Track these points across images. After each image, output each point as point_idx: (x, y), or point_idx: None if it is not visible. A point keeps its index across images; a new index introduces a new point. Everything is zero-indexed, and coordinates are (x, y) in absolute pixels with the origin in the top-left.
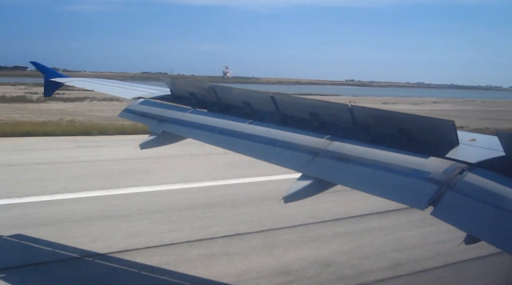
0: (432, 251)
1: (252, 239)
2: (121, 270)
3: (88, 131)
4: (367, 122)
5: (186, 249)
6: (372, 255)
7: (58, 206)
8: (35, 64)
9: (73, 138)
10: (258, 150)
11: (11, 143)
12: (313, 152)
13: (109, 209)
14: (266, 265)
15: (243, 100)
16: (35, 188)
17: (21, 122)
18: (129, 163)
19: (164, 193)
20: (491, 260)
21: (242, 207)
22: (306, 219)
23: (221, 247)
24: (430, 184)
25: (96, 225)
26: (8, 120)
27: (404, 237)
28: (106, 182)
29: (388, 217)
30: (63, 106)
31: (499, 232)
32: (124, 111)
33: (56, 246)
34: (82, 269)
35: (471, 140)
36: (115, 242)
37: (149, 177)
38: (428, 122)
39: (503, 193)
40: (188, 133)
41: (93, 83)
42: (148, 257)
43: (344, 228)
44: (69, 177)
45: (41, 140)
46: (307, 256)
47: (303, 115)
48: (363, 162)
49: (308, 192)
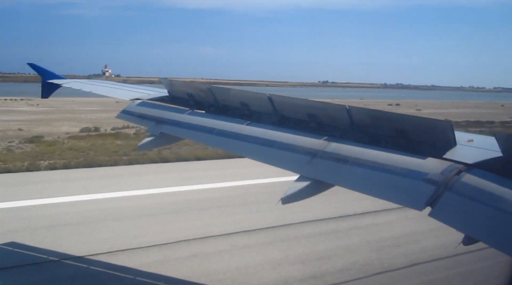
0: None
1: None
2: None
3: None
4: (364, 123)
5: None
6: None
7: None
8: (32, 66)
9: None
10: (255, 151)
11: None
12: (311, 153)
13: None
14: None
15: (240, 101)
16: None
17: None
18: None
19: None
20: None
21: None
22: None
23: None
24: (427, 184)
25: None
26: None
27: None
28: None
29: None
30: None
31: (497, 233)
32: (122, 112)
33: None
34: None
35: (469, 140)
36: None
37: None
38: (425, 123)
39: (500, 194)
40: (185, 134)
41: (91, 85)
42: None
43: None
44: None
45: None
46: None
47: (301, 116)
48: (361, 163)
49: (306, 193)
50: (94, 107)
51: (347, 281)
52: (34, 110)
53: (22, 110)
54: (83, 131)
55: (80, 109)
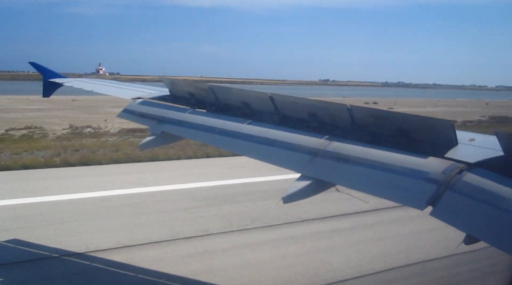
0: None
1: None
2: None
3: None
4: (366, 122)
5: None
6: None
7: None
8: (34, 65)
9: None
10: (257, 151)
11: None
12: (312, 152)
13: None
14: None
15: (242, 100)
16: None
17: None
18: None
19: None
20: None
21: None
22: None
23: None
24: (429, 184)
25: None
26: None
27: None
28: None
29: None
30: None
31: (498, 232)
32: (123, 111)
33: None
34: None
35: (470, 140)
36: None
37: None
38: (427, 122)
39: (502, 193)
40: (187, 133)
41: (92, 84)
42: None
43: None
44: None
45: None
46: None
47: (302, 115)
48: (362, 162)
49: (307, 193)
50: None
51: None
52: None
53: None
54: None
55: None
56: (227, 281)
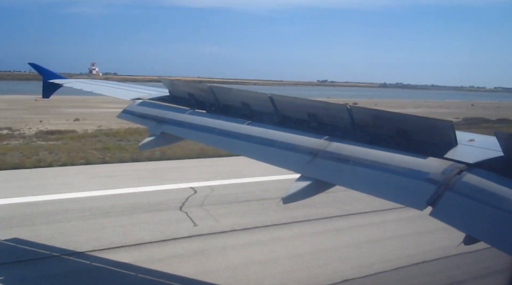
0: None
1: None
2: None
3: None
4: (365, 123)
5: None
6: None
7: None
8: (33, 66)
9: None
10: (256, 151)
11: None
12: (312, 152)
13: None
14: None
15: (241, 101)
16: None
17: None
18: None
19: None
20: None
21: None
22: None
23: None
24: (428, 184)
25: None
26: None
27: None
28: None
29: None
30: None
31: (498, 233)
32: (123, 112)
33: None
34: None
35: (470, 140)
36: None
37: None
38: (426, 123)
39: (501, 193)
40: (186, 134)
41: (92, 85)
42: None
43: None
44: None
45: None
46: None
47: (301, 115)
48: (362, 162)
49: (307, 193)
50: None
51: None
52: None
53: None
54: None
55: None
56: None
